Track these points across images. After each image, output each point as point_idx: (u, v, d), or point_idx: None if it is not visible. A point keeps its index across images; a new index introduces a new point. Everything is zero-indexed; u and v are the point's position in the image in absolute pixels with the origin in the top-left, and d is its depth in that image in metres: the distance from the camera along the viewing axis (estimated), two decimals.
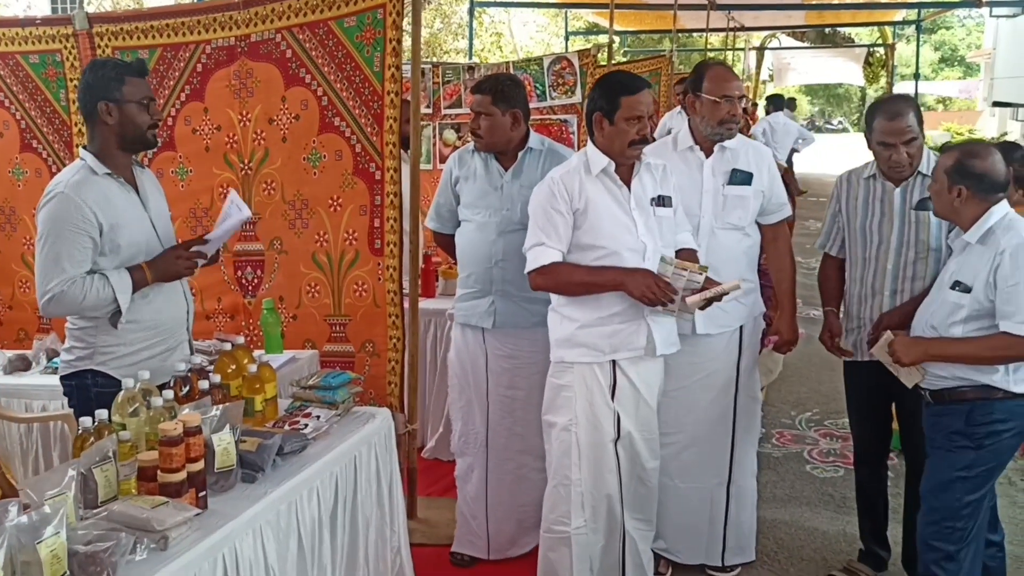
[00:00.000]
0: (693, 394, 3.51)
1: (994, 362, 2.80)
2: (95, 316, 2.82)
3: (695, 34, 18.22)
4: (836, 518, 4.22)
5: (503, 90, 3.53)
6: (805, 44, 24.61)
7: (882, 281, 3.31)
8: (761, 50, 22.80)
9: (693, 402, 3.51)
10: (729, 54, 19.76)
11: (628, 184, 3.13)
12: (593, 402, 3.14)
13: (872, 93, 42.60)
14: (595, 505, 3.20)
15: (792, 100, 16.69)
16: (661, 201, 3.16)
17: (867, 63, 24.67)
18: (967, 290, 2.81)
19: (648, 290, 2.96)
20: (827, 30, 24.82)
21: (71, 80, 3.94)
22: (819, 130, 47.09)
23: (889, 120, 3.17)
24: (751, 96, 19.92)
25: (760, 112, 16.30)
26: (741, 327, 3.53)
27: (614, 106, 3.06)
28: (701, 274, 2.98)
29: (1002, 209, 2.85)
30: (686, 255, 3.20)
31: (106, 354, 2.86)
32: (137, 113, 2.84)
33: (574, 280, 3.12)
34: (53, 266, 2.75)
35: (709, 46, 19.63)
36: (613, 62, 8.90)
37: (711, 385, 3.53)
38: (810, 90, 44.20)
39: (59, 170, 3.98)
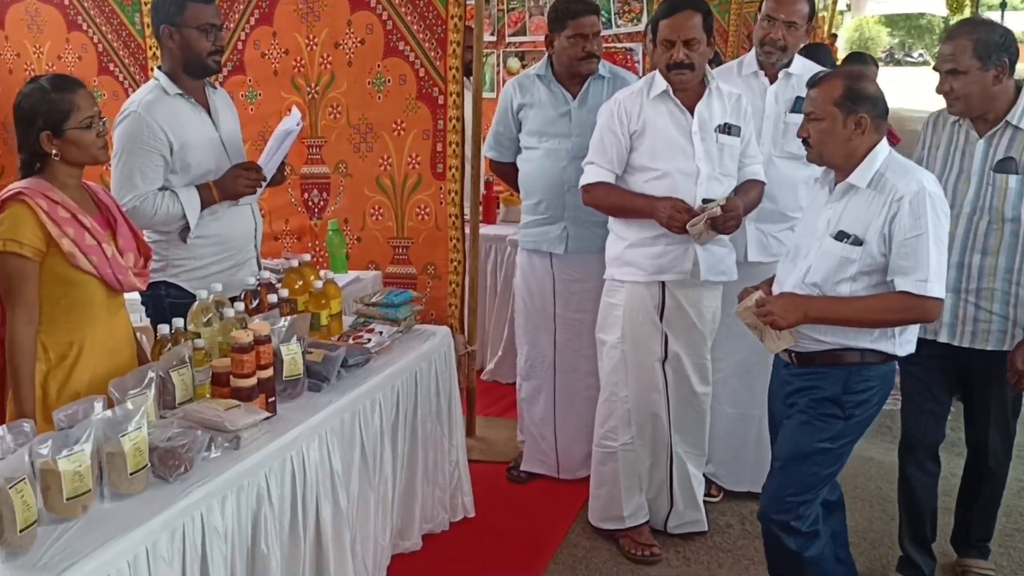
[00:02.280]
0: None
1: (885, 325, 2.49)
2: (167, 231, 2.96)
3: None
4: (891, 449, 4.21)
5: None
6: None
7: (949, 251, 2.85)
8: None
9: (743, 329, 3.54)
10: None
11: (692, 109, 3.14)
12: (641, 321, 3.21)
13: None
14: (641, 423, 3.28)
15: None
16: (727, 129, 3.16)
17: None
18: (858, 242, 2.46)
19: (670, 216, 3.00)
20: None
21: (145, 4, 4.02)
22: (898, 63, 45.42)
23: (942, 44, 2.89)
24: (828, 27, 19.26)
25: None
26: None
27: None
28: (717, 206, 2.97)
29: (884, 148, 2.52)
30: (747, 187, 3.21)
31: (178, 267, 2.99)
32: (196, 39, 2.91)
33: (611, 202, 3.20)
34: (126, 182, 2.88)
35: None
36: None
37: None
38: (890, 21, 42.54)
39: None
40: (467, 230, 3.85)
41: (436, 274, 3.81)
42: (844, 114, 2.47)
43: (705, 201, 3.02)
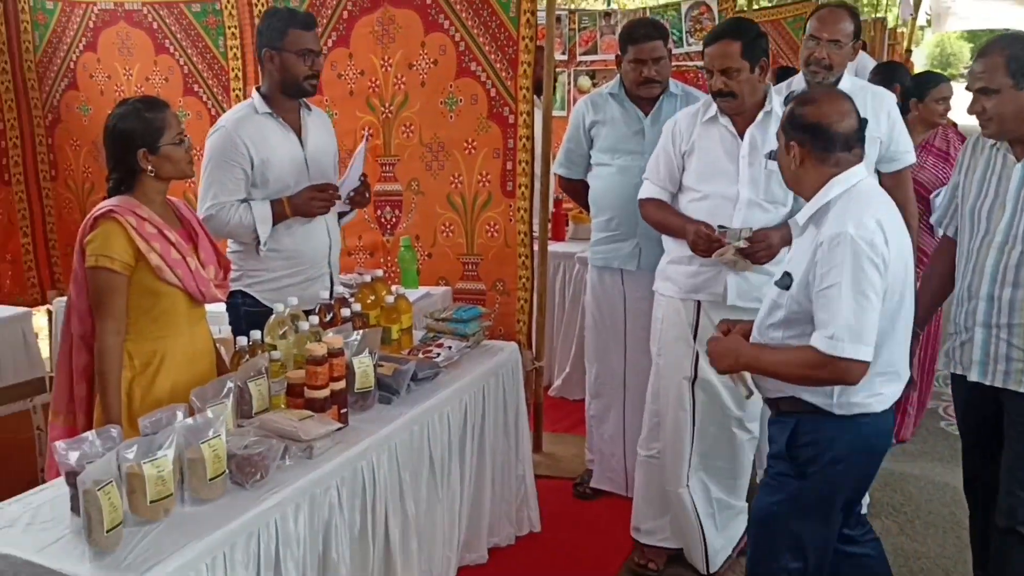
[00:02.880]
0: None
1: (799, 382, 2.27)
2: (244, 242, 3.10)
3: None
4: None
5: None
6: None
7: (979, 282, 2.66)
8: None
9: None
10: None
11: (743, 132, 3.10)
12: (675, 336, 3.22)
13: None
14: (666, 439, 3.28)
15: None
16: (776, 155, 3.09)
17: None
18: (787, 286, 2.28)
19: (693, 240, 3.00)
20: None
21: (229, 28, 4.19)
22: None
23: (973, 61, 2.69)
24: (907, 43, 18.81)
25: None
26: None
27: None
28: (741, 234, 2.94)
29: (848, 179, 2.26)
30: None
31: (252, 278, 3.13)
32: (294, 63, 3.05)
33: (656, 218, 3.25)
34: (207, 191, 3.06)
35: None
36: (755, 7, 8.67)
37: None
38: (973, 36, 41.50)
39: (218, 113, 4.29)
40: (536, 247, 3.89)
41: (505, 290, 3.86)
42: (785, 139, 2.34)
43: (721, 228, 2.98)
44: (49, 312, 4.69)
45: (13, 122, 4.73)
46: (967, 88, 2.70)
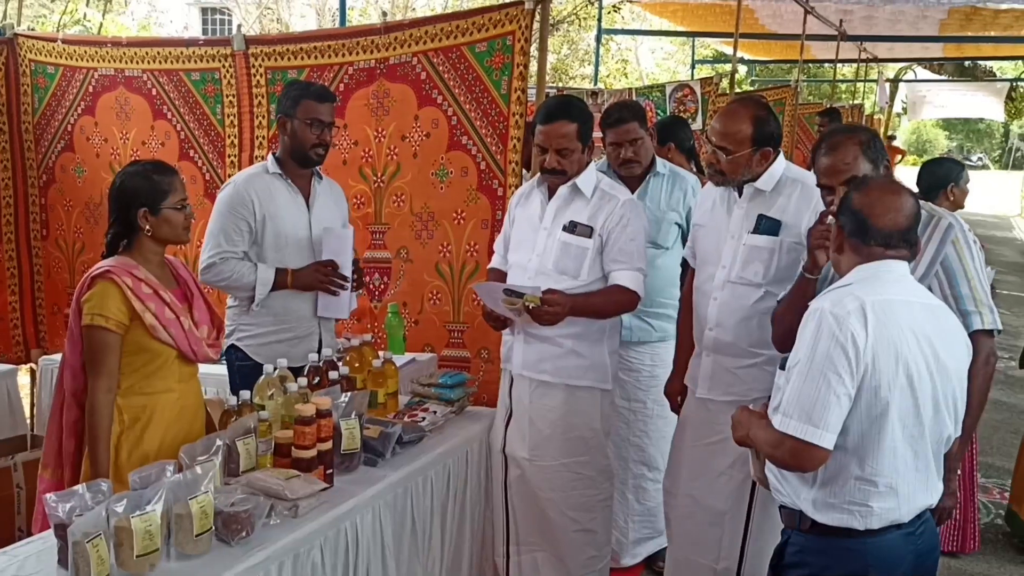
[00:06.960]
0: (709, 457, 3.04)
1: (772, 462, 2.11)
2: (238, 297, 3.24)
3: (826, 64, 17.95)
4: None
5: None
6: (942, 77, 23.84)
7: None
8: (895, 82, 22.23)
9: (704, 466, 3.07)
10: (860, 85, 19.35)
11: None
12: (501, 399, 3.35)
13: (1016, 129, 40.66)
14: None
15: None
16: (572, 227, 3.11)
17: (1009, 98, 23.74)
18: (784, 366, 2.11)
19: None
20: (967, 63, 23.97)
21: (227, 96, 4.31)
22: None
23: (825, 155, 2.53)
24: (884, 129, 19.40)
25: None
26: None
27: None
28: (527, 301, 2.92)
29: (874, 268, 2.08)
30: (605, 290, 3.10)
31: (244, 332, 3.24)
32: (302, 130, 3.20)
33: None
34: (212, 239, 3.20)
35: (841, 76, 19.26)
36: (737, 91, 8.95)
37: (725, 451, 2.91)
38: (949, 124, 42.61)
39: (212, 178, 4.39)
40: None
41: (489, 358, 3.91)
42: (836, 219, 2.20)
43: (507, 292, 2.93)
44: (32, 371, 4.70)
45: (7, 181, 4.81)
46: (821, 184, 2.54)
